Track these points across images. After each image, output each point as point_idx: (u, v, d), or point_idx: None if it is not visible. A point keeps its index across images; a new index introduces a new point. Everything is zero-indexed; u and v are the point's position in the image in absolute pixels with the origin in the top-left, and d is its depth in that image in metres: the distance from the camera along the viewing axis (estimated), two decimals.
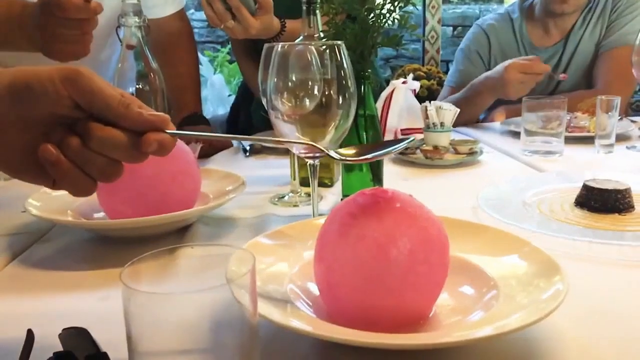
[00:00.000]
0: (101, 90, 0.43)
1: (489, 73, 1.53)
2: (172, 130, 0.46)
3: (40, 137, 0.44)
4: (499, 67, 1.48)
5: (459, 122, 1.57)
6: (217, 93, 2.91)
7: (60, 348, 0.43)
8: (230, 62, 3.12)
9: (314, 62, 0.65)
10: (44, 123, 0.44)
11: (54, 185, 0.47)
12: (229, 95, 2.93)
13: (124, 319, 0.35)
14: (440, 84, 2.43)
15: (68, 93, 0.43)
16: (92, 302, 0.58)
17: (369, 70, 0.78)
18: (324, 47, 0.65)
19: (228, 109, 2.11)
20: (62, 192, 0.82)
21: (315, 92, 0.65)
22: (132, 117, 0.44)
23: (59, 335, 0.45)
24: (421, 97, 1.86)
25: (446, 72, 2.78)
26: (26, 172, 0.47)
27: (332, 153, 0.57)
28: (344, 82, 0.65)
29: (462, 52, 1.79)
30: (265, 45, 0.70)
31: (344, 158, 0.58)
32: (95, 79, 0.44)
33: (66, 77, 0.43)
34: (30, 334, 0.45)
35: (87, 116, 0.44)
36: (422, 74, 2.46)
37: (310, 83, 0.65)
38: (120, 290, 0.34)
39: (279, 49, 0.64)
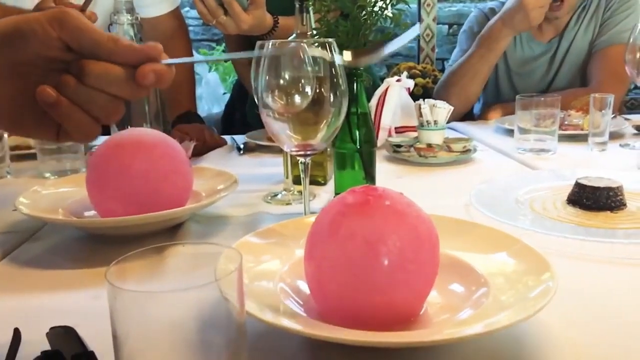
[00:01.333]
0: (89, 28, 0.43)
1: (500, 14, 1.53)
2: (166, 59, 0.46)
3: (36, 84, 0.44)
4: (513, 2, 1.49)
5: (471, 92, 1.59)
6: (212, 91, 2.90)
7: (48, 347, 0.43)
8: (226, 60, 3.11)
9: (306, 60, 0.65)
10: (38, 69, 0.44)
11: (58, 136, 0.47)
12: (224, 94, 2.92)
13: (110, 317, 0.34)
14: (436, 82, 2.42)
15: (57, 33, 0.43)
16: (82, 300, 0.58)
17: (361, 68, 0.78)
18: (316, 44, 0.65)
19: (223, 107, 2.11)
20: (52, 190, 0.83)
21: (307, 89, 0.65)
22: (123, 51, 0.44)
23: (47, 334, 0.44)
24: (416, 95, 1.85)
25: (441, 71, 2.78)
26: (27, 124, 0.46)
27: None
28: (335, 79, 0.65)
29: (465, 33, 1.79)
30: (257, 43, 0.70)
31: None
32: (82, 18, 0.44)
33: (54, 17, 0.43)
34: (17, 333, 0.44)
35: (78, 57, 0.44)
36: (417, 72, 2.45)
37: (301, 80, 0.65)
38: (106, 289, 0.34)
39: (270, 46, 0.64)
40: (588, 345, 0.48)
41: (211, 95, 2.90)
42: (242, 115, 1.77)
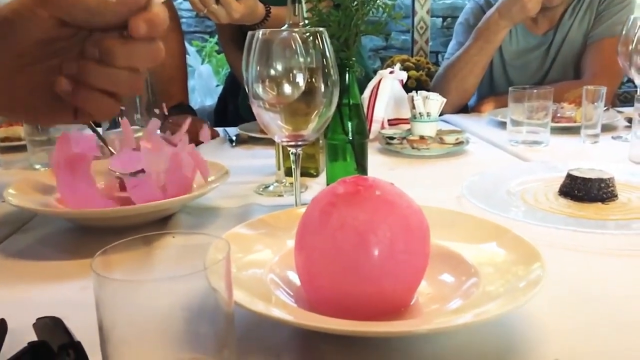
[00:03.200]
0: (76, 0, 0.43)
1: (496, 7, 1.53)
2: (157, 4, 0.45)
3: (48, 72, 0.44)
4: None
5: (469, 84, 1.59)
6: (204, 83, 2.89)
7: (34, 338, 0.43)
8: (219, 52, 3.09)
9: (297, 50, 0.64)
10: (39, 53, 0.44)
11: (77, 117, 0.47)
12: (217, 86, 2.90)
13: (96, 307, 0.34)
14: (430, 75, 2.42)
15: (48, 13, 0.42)
16: (70, 291, 0.58)
17: (353, 59, 0.77)
18: (307, 34, 0.64)
19: (216, 100, 2.10)
20: (42, 182, 0.82)
21: (298, 80, 0.65)
22: (114, 9, 0.43)
23: (33, 324, 0.44)
24: (410, 87, 1.85)
25: (435, 64, 2.77)
26: (42, 112, 0.46)
27: None
28: (326, 70, 0.65)
29: (461, 25, 1.79)
30: (249, 32, 0.69)
31: None
32: None
33: None
34: (3, 324, 0.44)
35: (75, 29, 0.44)
36: (411, 64, 2.45)
37: (292, 70, 0.64)
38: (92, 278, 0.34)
39: (261, 35, 0.63)
40: (577, 334, 0.48)
41: (204, 87, 2.88)
42: (234, 107, 1.76)
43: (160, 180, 0.75)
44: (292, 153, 0.70)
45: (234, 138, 1.31)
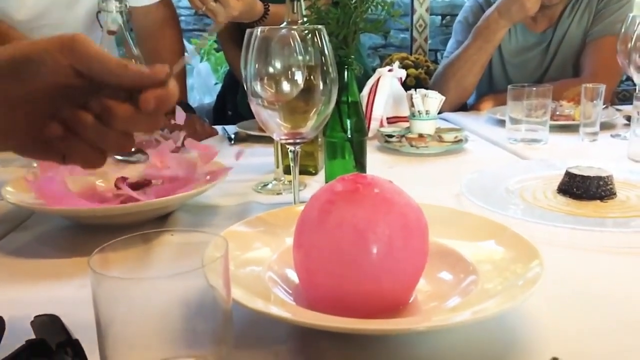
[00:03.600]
0: (98, 53, 0.44)
1: (495, 6, 1.53)
2: (173, 83, 0.46)
3: (47, 114, 0.44)
4: None
5: (468, 83, 1.58)
6: (203, 81, 2.88)
7: (32, 336, 0.43)
8: (217, 50, 3.08)
9: (296, 47, 0.64)
10: (47, 95, 0.44)
11: (64, 161, 0.47)
12: (216, 84, 2.90)
13: (93, 305, 0.34)
14: (429, 73, 2.42)
15: (67, 61, 0.43)
16: (68, 289, 0.57)
17: (352, 57, 0.77)
18: (305, 31, 0.64)
19: (214, 98, 2.09)
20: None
21: (296, 77, 0.64)
22: (132, 76, 0.44)
23: (31, 322, 0.44)
24: (409, 86, 1.85)
25: (434, 62, 2.77)
26: (34, 149, 0.47)
27: None
28: (325, 67, 0.65)
29: (461, 23, 1.79)
30: (247, 30, 0.69)
31: None
32: (91, 43, 0.44)
33: (63, 45, 0.43)
34: (1, 322, 0.44)
35: (88, 82, 0.44)
36: (410, 62, 2.44)
37: (290, 68, 0.64)
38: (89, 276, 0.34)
39: (259, 33, 0.63)
40: (576, 332, 0.48)
41: (203, 85, 2.88)
42: (233, 105, 1.76)
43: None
44: (290, 151, 0.70)
45: (232, 136, 1.30)
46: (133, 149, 0.80)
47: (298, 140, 0.68)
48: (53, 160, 0.48)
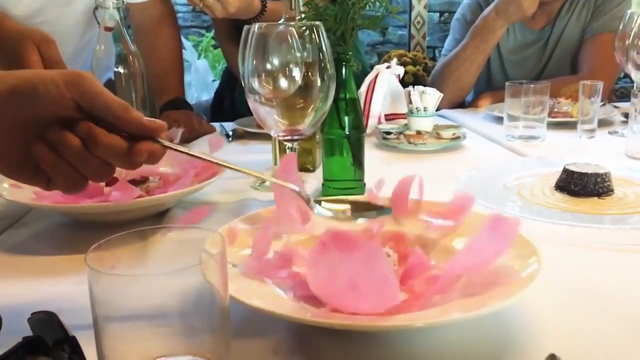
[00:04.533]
0: (102, 93, 0.45)
1: (493, 6, 1.53)
2: (164, 139, 0.48)
3: (35, 136, 0.45)
4: None
5: (462, 84, 1.58)
6: (201, 78, 2.87)
7: (29, 333, 0.42)
8: (215, 47, 3.08)
9: (293, 44, 0.64)
10: (43, 123, 0.45)
11: (48, 186, 0.49)
12: (213, 81, 2.90)
13: (90, 302, 0.34)
14: (427, 70, 2.41)
15: (71, 95, 0.44)
16: (65, 286, 0.57)
17: (350, 53, 0.77)
18: (303, 28, 0.64)
19: (212, 95, 2.09)
20: None
21: (294, 74, 0.64)
22: (131, 121, 0.46)
23: (28, 319, 0.44)
24: (407, 83, 1.85)
25: (432, 59, 2.77)
26: (23, 172, 0.48)
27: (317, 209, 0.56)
28: (322, 64, 0.65)
29: (458, 21, 1.78)
30: (245, 27, 0.69)
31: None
32: (97, 82, 0.46)
33: (70, 80, 0.44)
34: None
35: (87, 117, 0.45)
36: (408, 59, 2.44)
37: (288, 65, 0.64)
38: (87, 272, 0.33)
39: (257, 29, 0.63)
40: (573, 328, 0.48)
41: (200, 82, 2.87)
42: (231, 102, 1.76)
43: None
44: (288, 148, 0.70)
45: (230, 133, 1.30)
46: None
47: (296, 137, 0.68)
48: (38, 185, 0.49)
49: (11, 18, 1.06)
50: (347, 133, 0.79)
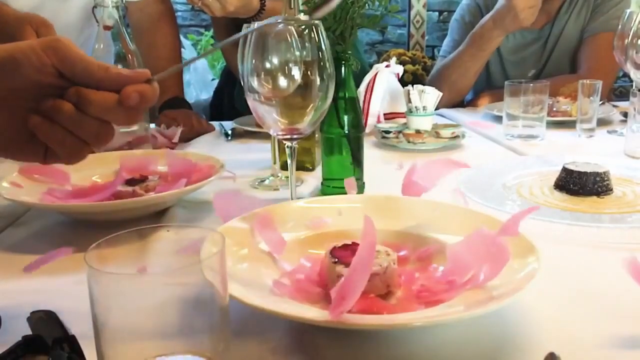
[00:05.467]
0: (81, 56, 0.45)
1: (491, 14, 1.52)
2: (155, 83, 0.47)
3: (28, 112, 0.45)
4: (503, 2, 1.48)
5: (459, 87, 1.58)
6: (200, 77, 2.87)
7: (29, 332, 0.42)
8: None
9: (293, 43, 0.64)
10: (29, 95, 0.45)
11: (46, 159, 0.48)
12: (212, 80, 2.89)
13: (90, 301, 0.34)
14: (426, 69, 2.41)
15: (51, 61, 0.44)
16: (64, 285, 0.57)
17: (349, 52, 0.77)
18: (302, 26, 0.64)
19: (211, 94, 2.09)
20: (36, 175, 0.81)
21: (293, 73, 0.64)
22: (113, 78, 0.45)
23: (28, 318, 0.44)
24: (406, 82, 1.85)
25: (431, 58, 2.77)
26: (14, 148, 0.48)
27: None
28: (322, 63, 0.64)
29: (457, 22, 1.78)
30: (244, 25, 0.69)
31: None
32: (74, 47, 0.45)
33: (47, 45, 0.44)
34: None
35: (70, 84, 0.45)
36: (407, 58, 2.44)
37: (287, 64, 0.64)
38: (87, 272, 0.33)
39: (256, 28, 0.63)
40: (573, 327, 0.48)
41: (199, 81, 2.87)
42: (230, 101, 1.76)
43: None
44: (287, 147, 0.70)
45: (229, 132, 1.30)
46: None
47: (295, 136, 0.68)
48: (35, 159, 0.49)
49: None
50: (347, 132, 0.79)
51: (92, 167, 0.87)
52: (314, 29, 0.63)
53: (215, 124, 1.41)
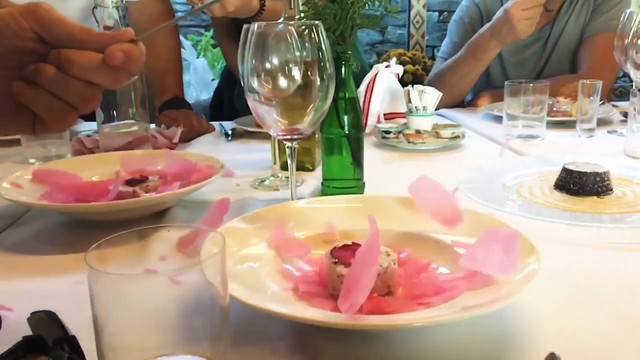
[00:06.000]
0: (61, 19, 0.44)
1: (489, 24, 1.52)
2: (141, 44, 0.46)
3: (11, 80, 0.45)
4: (500, 14, 1.48)
5: (456, 93, 1.58)
6: (200, 77, 2.87)
7: (29, 332, 0.43)
8: (214, 46, 3.08)
9: (293, 43, 0.64)
10: (11, 62, 0.44)
11: (35, 129, 0.47)
12: (213, 80, 2.90)
13: (90, 301, 0.34)
14: (425, 69, 2.42)
15: (30, 25, 0.43)
16: (64, 285, 0.57)
17: (349, 52, 0.77)
18: (302, 27, 0.64)
19: (211, 94, 2.09)
20: (34, 175, 0.81)
21: (293, 73, 0.64)
22: (95, 39, 0.44)
23: (28, 318, 0.44)
24: (406, 82, 1.85)
25: (431, 58, 2.77)
26: (3, 119, 0.47)
27: None
28: (322, 63, 0.64)
29: (457, 23, 1.78)
30: (244, 26, 0.69)
31: None
32: (54, 11, 0.44)
33: (27, 11, 0.44)
34: None
35: (51, 48, 0.44)
36: (407, 59, 2.45)
37: (287, 64, 0.64)
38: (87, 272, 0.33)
39: (256, 28, 0.63)
40: (573, 327, 0.48)
41: (199, 81, 2.87)
42: (230, 101, 1.76)
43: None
44: (288, 147, 0.70)
45: (229, 132, 1.30)
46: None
47: (295, 137, 0.68)
48: (22, 129, 0.47)
49: None
50: (347, 132, 0.79)
51: (92, 167, 0.87)
52: (314, 29, 0.63)
53: (215, 124, 1.41)
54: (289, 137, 0.68)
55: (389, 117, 1.30)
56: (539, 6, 1.44)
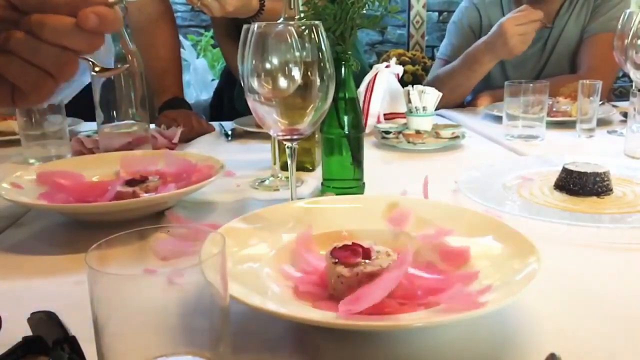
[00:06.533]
0: None
1: (485, 37, 1.52)
2: (117, 8, 0.44)
3: None
4: (495, 28, 1.47)
5: (452, 98, 1.58)
6: (200, 78, 2.87)
7: (29, 333, 0.42)
8: (214, 46, 3.08)
9: (293, 43, 0.64)
10: None
11: (14, 99, 0.46)
12: (212, 80, 2.90)
13: (90, 302, 0.34)
14: (425, 69, 2.42)
15: None
16: (64, 286, 0.57)
17: (349, 53, 0.77)
18: (302, 27, 0.64)
19: (211, 94, 2.09)
20: (36, 176, 0.81)
21: (293, 73, 0.64)
22: (67, 2, 0.43)
23: (28, 319, 0.44)
24: (406, 82, 1.85)
25: (431, 58, 2.77)
26: None
27: None
28: (322, 63, 0.64)
29: (455, 25, 1.78)
30: (244, 26, 0.69)
31: None
32: None
33: None
34: None
35: (23, 15, 0.43)
36: (406, 59, 2.45)
37: (287, 64, 0.64)
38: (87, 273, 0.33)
39: (256, 29, 0.63)
40: (573, 327, 0.48)
41: (199, 81, 2.87)
42: (230, 101, 1.76)
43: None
44: (287, 147, 0.70)
45: (229, 132, 1.30)
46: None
47: (295, 137, 0.68)
48: (3, 100, 0.46)
49: None
50: (347, 132, 0.79)
51: (92, 167, 0.87)
52: (314, 30, 0.63)
53: (215, 124, 1.41)
54: (289, 137, 0.68)
55: (388, 117, 1.30)
56: (534, 22, 1.44)
